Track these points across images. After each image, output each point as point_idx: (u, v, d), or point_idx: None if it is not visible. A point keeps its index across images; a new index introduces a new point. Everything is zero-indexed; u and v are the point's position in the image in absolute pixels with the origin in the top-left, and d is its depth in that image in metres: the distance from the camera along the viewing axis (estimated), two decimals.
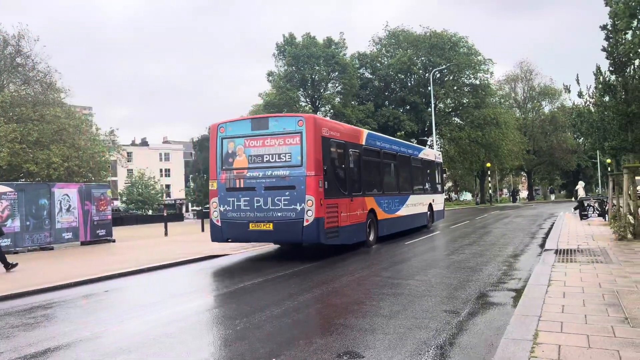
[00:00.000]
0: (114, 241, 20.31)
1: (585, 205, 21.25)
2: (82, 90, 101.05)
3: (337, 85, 46.18)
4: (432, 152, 23.07)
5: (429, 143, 50.36)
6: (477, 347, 4.90)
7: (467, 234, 17.62)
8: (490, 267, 9.82)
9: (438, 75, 48.89)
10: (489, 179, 59.59)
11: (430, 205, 20.90)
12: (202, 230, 25.65)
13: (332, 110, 45.97)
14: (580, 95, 14.24)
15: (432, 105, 41.14)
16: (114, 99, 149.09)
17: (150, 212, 62.16)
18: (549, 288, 6.83)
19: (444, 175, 25.52)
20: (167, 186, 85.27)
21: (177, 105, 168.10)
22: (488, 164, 52.61)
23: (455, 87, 49.92)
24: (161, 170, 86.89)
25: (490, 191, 59.48)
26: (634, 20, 6.20)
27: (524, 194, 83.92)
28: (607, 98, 13.25)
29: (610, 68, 12.59)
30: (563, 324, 5.07)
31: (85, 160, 35.30)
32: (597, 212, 20.49)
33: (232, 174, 12.47)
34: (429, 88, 43.32)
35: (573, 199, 35.24)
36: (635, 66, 11.97)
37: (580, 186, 24.45)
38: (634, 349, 4.25)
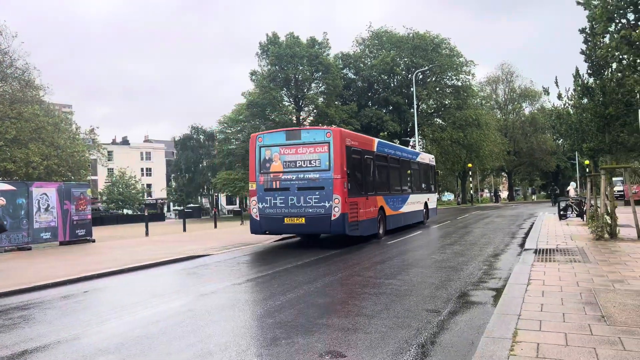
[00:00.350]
0: (93, 241, 20.04)
1: (565, 205, 21.61)
2: (62, 88, 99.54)
3: (320, 85, 46.15)
4: (427, 156, 25.13)
5: (411, 144, 50.67)
6: (457, 345, 4.95)
7: (448, 233, 17.77)
8: (471, 266, 9.93)
9: (421, 77, 49.22)
10: (470, 179, 60.22)
11: (425, 204, 23.25)
12: (184, 230, 25.46)
13: (315, 111, 45.96)
14: (559, 97, 14.47)
15: (415, 106, 41.38)
16: (95, 97, 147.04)
17: (130, 212, 61.52)
18: (529, 287, 6.93)
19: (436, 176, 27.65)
20: (149, 185, 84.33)
21: (159, 104, 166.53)
22: (469, 165, 53.17)
23: (437, 88, 50.32)
24: (142, 169, 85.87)
25: (471, 191, 60.11)
26: (612, 24, 6.30)
27: (504, 194, 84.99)
28: (585, 100, 13.48)
29: (589, 71, 12.80)
30: (542, 322, 5.15)
31: (64, 159, 34.78)
32: (576, 212, 20.86)
33: (269, 176, 14.56)
34: (412, 89, 43.60)
35: (558, 197, 34.87)
36: (613, 69, 12.19)
37: (571, 187, 24.29)
38: (610, 346, 4.34)
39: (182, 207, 63.98)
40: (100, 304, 8.06)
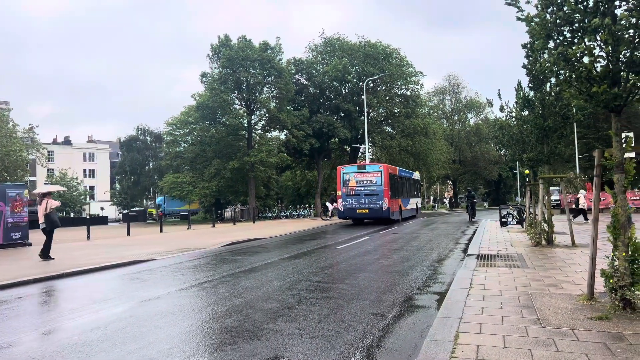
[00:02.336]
0: (30, 245, 19.08)
1: (505, 213, 22.47)
2: None
3: (272, 89, 45.87)
4: (417, 174, 39.10)
5: (361, 150, 51.27)
6: (401, 348, 5.04)
7: (395, 239, 18.08)
8: (417, 271, 10.14)
9: (371, 85, 49.92)
10: None
11: (416, 205, 36.90)
12: (128, 234, 24.67)
13: (267, 115, 45.66)
14: (501, 109, 15.05)
15: (365, 114, 41.92)
16: (36, 96, 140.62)
17: (71, 215, 59.04)
18: (470, 291, 7.16)
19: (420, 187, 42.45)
20: (91, 187, 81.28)
21: (106, 104, 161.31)
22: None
23: (387, 97, 51.13)
24: (85, 170, 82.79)
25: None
26: (550, 40, 6.59)
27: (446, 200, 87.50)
28: (526, 112, 14.07)
29: (530, 84, 13.38)
30: (482, 325, 5.33)
31: None
32: (516, 220, 21.74)
33: (348, 188, 26.98)
34: (363, 97, 44.14)
35: (475, 207, 33.39)
36: (552, 84, 12.79)
37: (581, 194, 23.88)
38: (545, 347, 4.54)
39: (126, 211, 61.97)
40: (36, 310, 7.67)
